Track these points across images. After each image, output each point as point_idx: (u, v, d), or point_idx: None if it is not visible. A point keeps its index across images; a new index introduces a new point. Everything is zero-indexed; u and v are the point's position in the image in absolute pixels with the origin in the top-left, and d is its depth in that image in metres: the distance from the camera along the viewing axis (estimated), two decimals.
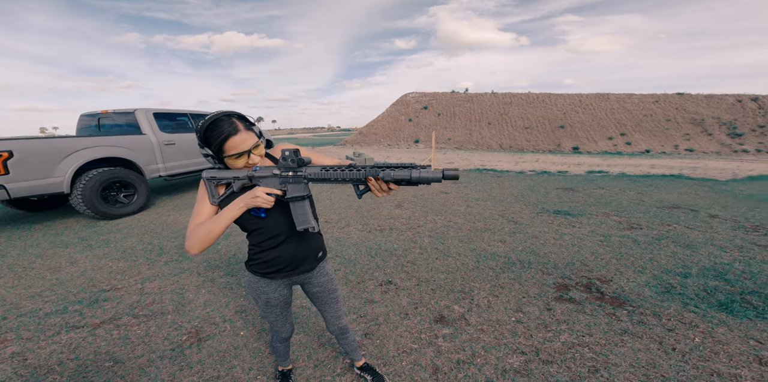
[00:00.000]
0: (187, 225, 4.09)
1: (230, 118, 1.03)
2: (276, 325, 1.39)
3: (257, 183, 1.08)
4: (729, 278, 2.63)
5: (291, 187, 1.06)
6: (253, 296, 1.31)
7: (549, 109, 21.68)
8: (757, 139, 18.00)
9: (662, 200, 5.32)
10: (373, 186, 0.97)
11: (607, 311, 2.19)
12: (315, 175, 1.02)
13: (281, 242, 1.18)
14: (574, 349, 1.82)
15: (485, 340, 1.93)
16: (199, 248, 1.05)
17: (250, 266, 1.26)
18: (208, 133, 1.02)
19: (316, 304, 1.41)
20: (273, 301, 1.30)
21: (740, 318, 2.07)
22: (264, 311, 1.34)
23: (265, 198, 1.02)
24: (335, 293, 1.39)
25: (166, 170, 5.25)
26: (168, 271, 2.94)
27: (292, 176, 1.04)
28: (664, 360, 1.71)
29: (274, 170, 1.07)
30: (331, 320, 1.44)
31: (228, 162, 1.08)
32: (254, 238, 1.18)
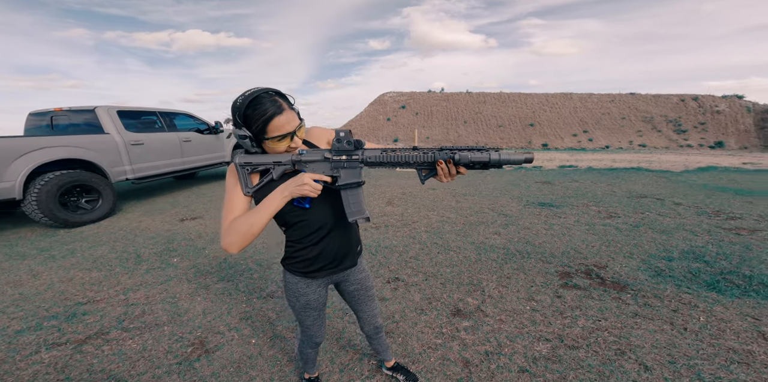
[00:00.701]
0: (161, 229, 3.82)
1: (272, 95, 0.91)
2: (311, 329, 1.28)
3: (302, 169, 0.96)
4: (707, 260, 2.84)
5: (345, 173, 0.95)
6: (290, 299, 1.20)
7: (519, 108, 22.82)
8: (699, 135, 20.16)
9: (630, 190, 5.71)
10: (442, 170, 0.91)
11: (612, 295, 2.28)
12: (375, 159, 0.93)
13: (324, 236, 1.07)
14: (595, 333, 1.88)
15: (507, 330, 1.94)
16: (240, 246, 0.93)
17: (289, 265, 1.15)
18: (249, 111, 0.88)
19: (352, 303, 1.32)
20: (312, 303, 1.19)
21: (729, 297, 2.23)
22: (301, 315, 1.23)
23: (313, 186, 0.91)
24: (372, 290, 1.32)
25: (134, 173, 4.82)
26: (152, 279, 2.69)
27: (347, 160, 0.94)
28: (680, 340, 1.80)
29: (325, 154, 0.95)
30: (368, 319, 1.36)
31: (268, 145, 0.95)
32: (295, 232, 1.07)
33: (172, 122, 5.69)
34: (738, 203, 4.87)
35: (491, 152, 0.85)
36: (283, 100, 0.93)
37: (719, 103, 21.69)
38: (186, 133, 5.78)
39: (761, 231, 3.58)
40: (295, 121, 0.94)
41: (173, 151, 5.45)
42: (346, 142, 0.93)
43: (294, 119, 0.94)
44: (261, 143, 0.96)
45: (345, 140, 0.93)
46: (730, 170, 8.78)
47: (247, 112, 0.89)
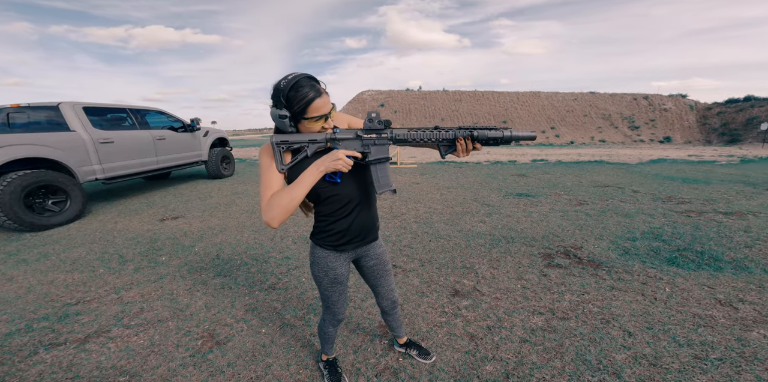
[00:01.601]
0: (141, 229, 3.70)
1: (311, 80, 0.99)
2: (336, 305, 1.35)
3: (335, 146, 1.05)
4: (665, 239, 3.19)
5: (375, 150, 1.05)
6: (318, 274, 1.26)
7: (493, 105, 23.82)
8: (649, 130, 22.21)
9: (595, 180, 6.19)
10: (461, 146, 1.03)
11: (590, 272, 2.52)
12: (402, 136, 1.03)
13: (353, 210, 1.15)
14: (581, 306, 2.09)
15: (504, 306, 2.10)
16: (281, 219, 1.00)
17: (320, 240, 1.21)
18: (292, 93, 0.96)
19: (371, 278, 1.39)
20: (340, 277, 1.26)
21: (687, 270, 2.54)
22: (328, 291, 1.29)
23: (346, 161, 1.00)
24: (389, 265, 1.40)
25: (104, 172, 4.56)
26: (143, 278, 2.62)
27: (377, 138, 1.04)
28: (653, 308, 2.04)
29: (357, 132, 1.05)
30: (386, 293, 1.44)
31: (305, 125, 1.03)
32: (326, 207, 1.14)
33: (143, 120, 5.42)
34: (686, 189, 5.44)
35: (503, 130, 1.00)
36: (319, 84, 1.02)
37: (666, 101, 23.97)
38: (159, 131, 5.54)
39: (707, 213, 4.04)
40: (330, 105, 1.03)
41: (146, 150, 5.20)
42: (377, 121, 1.03)
43: (329, 102, 1.02)
44: (298, 123, 1.03)
45: (376, 120, 1.03)
46: (677, 162, 9.73)
47: (290, 94, 0.97)
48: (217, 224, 3.90)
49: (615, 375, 1.50)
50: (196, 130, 6.31)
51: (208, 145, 6.69)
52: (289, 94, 0.97)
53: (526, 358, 1.64)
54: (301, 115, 1.00)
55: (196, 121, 6.23)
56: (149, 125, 5.46)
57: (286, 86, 0.97)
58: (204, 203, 4.91)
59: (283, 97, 0.98)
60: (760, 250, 2.88)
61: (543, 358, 1.63)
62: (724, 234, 3.29)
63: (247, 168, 9.11)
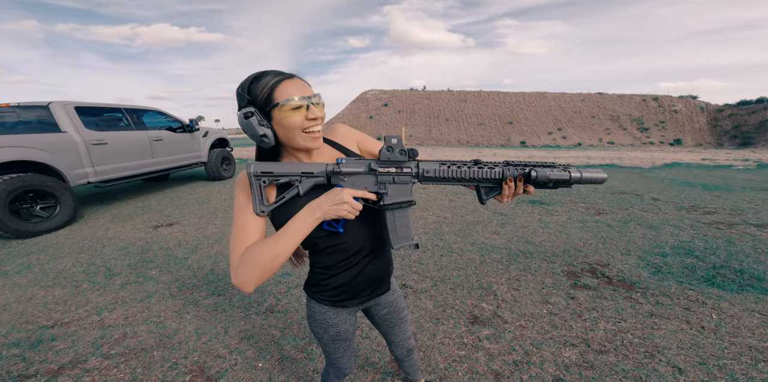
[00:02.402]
0: (133, 237, 3.45)
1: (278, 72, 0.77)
2: (341, 361, 1.09)
3: (338, 183, 0.77)
4: (698, 255, 2.93)
5: (393, 189, 0.77)
6: (316, 330, 1.00)
7: (498, 106, 23.44)
8: (659, 132, 21.70)
9: (610, 187, 5.92)
10: (509, 189, 0.76)
11: (623, 294, 2.27)
12: (433, 173, 0.74)
13: (359, 261, 0.89)
14: (619, 335, 1.84)
15: (530, 336, 1.86)
16: (258, 282, 0.73)
17: (315, 294, 0.95)
18: (253, 84, 0.73)
19: (383, 327, 1.14)
20: (342, 334, 1.01)
21: (730, 292, 2.29)
22: (329, 347, 1.04)
23: (354, 205, 0.73)
24: (405, 311, 1.14)
25: (96, 175, 4.35)
26: (128, 296, 2.39)
27: (398, 173, 0.75)
28: (702, 339, 1.80)
29: (372, 164, 0.76)
30: (400, 342, 1.19)
31: (281, 123, 0.74)
32: (325, 258, 0.88)
33: (140, 120, 5.21)
34: (708, 197, 5.16)
35: (571, 170, 0.74)
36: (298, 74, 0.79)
37: (676, 103, 23.47)
38: (157, 132, 5.33)
39: (738, 225, 3.77)
40: (310, 91, 0.77)
41: (142, 152, 4.99)
42: (399, 150, 0.73)
43: (308, 88, 0.77)
44: (272, 121, 0.75)
45: (398, 149, 0.74)
46: (692, 166, 9.43)
47: (251, 86, 0.74)
48: (213, 232, 3.67)
49: None
50: (195, 131, 6.10)
51: (207, 146, 6.49)
52: (251, 86, 0.74)
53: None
54: (268, 106, 0.73)
55: (195, 121, 6.02)
56: (146, 126, 5.25)
57: (246, 79, 0.75)
58: (201, 208, 4.68)
59: (243, 91, 0.75)
60: None
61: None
62: (761, 250, 3.02)
63: None
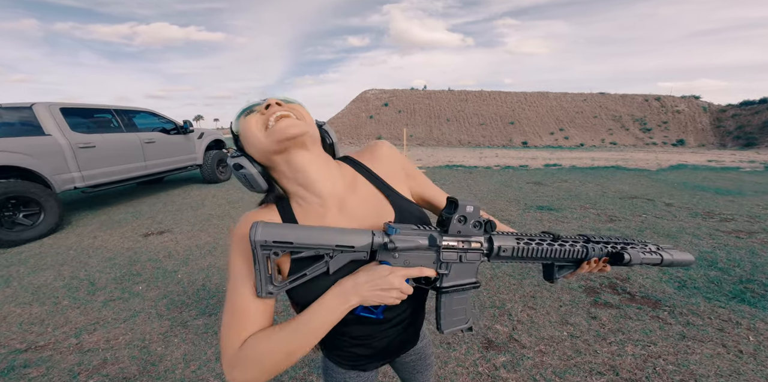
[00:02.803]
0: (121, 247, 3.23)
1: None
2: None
3: (384, 259, 0.55)
4: (722, 267, 2.75)
5: (456, 268, 0.58)
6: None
7: (499, 106, 23.22)
8: (662, 133, 21.47)
9: (619, 190, 5.74)
10: (589, 269, 0.64)
11: (649, 314, 2.09)
12: (510, 252, 0.58)
13: (392, 330, 0.70)
14: (650, 361, 1.66)
15: (552, 363, 1.67)
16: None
17: (335, 357, 0.75)
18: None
19: (404, 373, 0.94)
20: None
21: (763, 310, 2.10)
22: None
23: (404, 290, 0.54)
24: (430, 359, 0.93)
25: (84, 180, 4.15)
26: (111, 315, 2.20)
27: (466, 250, 0.57)
28: (742, 365, 1.63)
29: (433, 233, 0.55)
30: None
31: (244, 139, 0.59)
32: (350, 328, 0.67)
33: (131, 121, 5.00)
34: (722, 202, 4.98)
35: (661, 252, 0.64)
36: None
37: (679, 103, 23.31)
38: (148, 134, 5.12)
39: (757, 233, 3.59)
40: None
41: (133, 155, 4.79)
42: (473, 222, 0.55)
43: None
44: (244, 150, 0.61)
45: (472, 220, 0.55)
46: (699, 168, 9.25)
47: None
48: (206, 241, 3.48)
49: None
50: (189, 132, 5.90)
51: (203, 148, 6.28)
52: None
53: None
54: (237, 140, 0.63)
55: (189, 122, 5.83)
56: (137, 127, 5.04)
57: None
58: (195, 214, 4.49)
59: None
60: None
61: None
62: None
63: None
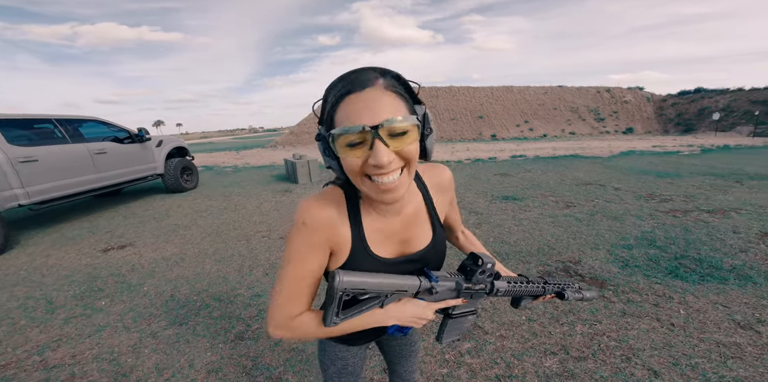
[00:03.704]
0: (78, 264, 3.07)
1: (375, 71, 0.53)
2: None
3: (422, 297, 0.70)
4: (660, 246, 3.06)
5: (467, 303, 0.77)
6: (323, 360, 0.92)
7: (469, 101, 23.75)
8: (613, 122, 23.19)
9: (576, 178, 6.15)
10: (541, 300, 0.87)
11: None
12: (503, 292, 0.77)
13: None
14: (596, 339, 1.84)
15: (511, 347, 1.83)
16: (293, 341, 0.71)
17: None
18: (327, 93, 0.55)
19: (390, 356, 1.08)
20: (350, 367, 0.92)
21: (692, 283, 2.38)
22: (333, 380, 0.94)
23: (430, 319, 0.70)
24: (417, 344, 1.08)
25: (28, 197, 3.86)
26: (74, 331, 2.14)
27: (476, 291, 0.74)
28: (673, 338, 1.83)
29: (458, 279, 0.70)
30: (404, 374, 1.11)
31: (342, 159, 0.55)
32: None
33: (76, 131, 4.66)
34: (663, 184, 5.47)
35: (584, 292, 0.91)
36: (388, 79, 0.53)
37: (626, 94, 25.29)
38: (99, 144, 4.81)
39: (691, 212, 4.00)
40: (392, 113, 0.50)
41: (83, 167, 4.49)
42: (488, 274, 0.72)
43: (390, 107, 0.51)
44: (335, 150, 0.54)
45: (488, 273, 0.72)
46: (645, 154, 10.03)
47: (325, 93, 0.55)
48: (173, 252, 3.39)
49: None
50: (145, 140, 5.63)
51: (163, 156, 6.00)
52: (325, 94, 0.55)
53: None
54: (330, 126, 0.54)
55: (144, 130, 5.55)
56: (84, 137, 4.71)
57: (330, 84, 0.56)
58: (159, 225, 4.33)
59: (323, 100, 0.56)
60: (755, 254, 2.80)
61: None
62: (715, 237, 3.20)
63: (213, 178, 8.40)
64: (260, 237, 3.71)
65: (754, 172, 6.38)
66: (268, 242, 3.54)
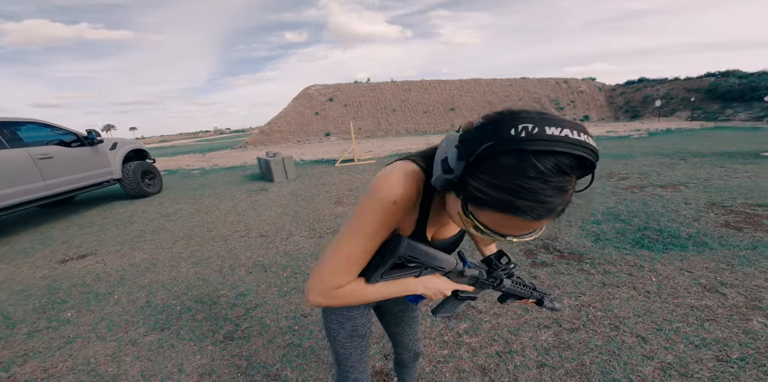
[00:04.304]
0: (33, 277, 2.78)
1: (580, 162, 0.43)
2: (357, 368, 0.97)
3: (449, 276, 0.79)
4: (624, 219, 3.28)
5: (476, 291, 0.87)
6: (332, 326, 0.90)
7: (440, 94, 24.32)
8: (572, 111, 24.91)
9: None
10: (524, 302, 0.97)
11: (576, 267, 2.43)
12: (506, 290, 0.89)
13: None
14: (584, 310, 1.94)
15: (506, 324, 1.88)
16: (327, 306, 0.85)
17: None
18: (513, 164, 0.42)
19: (393, 326, 1.10)
20: (360, 329, 0.91)
21: (658, 252, 2.57)
22: (346, 348, 0.92)
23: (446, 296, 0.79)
24: (417, 311, 1.11)
25: None
26: (42, 345, 1.96)
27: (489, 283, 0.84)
28: (651, 304, 1.95)
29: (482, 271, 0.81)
30: (409, 343, 1.13)
31: (465, 213, 0.50)
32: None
33: (14, 135, 4.16)
34: (620, 165, 5.88)
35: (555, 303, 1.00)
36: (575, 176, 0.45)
37: (581, 84, 27.30)
38: (42, 148, 4.34)
39: (647, 187, 4.33)
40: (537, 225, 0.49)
41: (26, 174, 4.04)
42: (507, 273, 0.86)
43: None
44: (465, 183, 0.47)
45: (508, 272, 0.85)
46: (601, 138, 10.75)
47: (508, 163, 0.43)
48: (142, 259, 3.16)
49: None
50: (97, 143, 5.18)
51: (119, 159, 5.55)
52: (507, 163, 0.42)
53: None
54: (477, 208, 0.48)
55: (94, 132, 5.10)
56: (24, 141, 4.23)
57: (536, 129, 0.41)
58: (123, 232, 4.02)
59: (502, 131, 0.42)
60: (706, 222, 3.08)
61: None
62: (670, 208, 3.49)
63: (179, 181, 7.90)
64: (239, 237, 3.56)
65: (695, 151, 7.02)
66: (248, 241, 3.40)
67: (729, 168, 5.22)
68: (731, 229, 2.89)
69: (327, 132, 21.11)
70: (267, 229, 3.77)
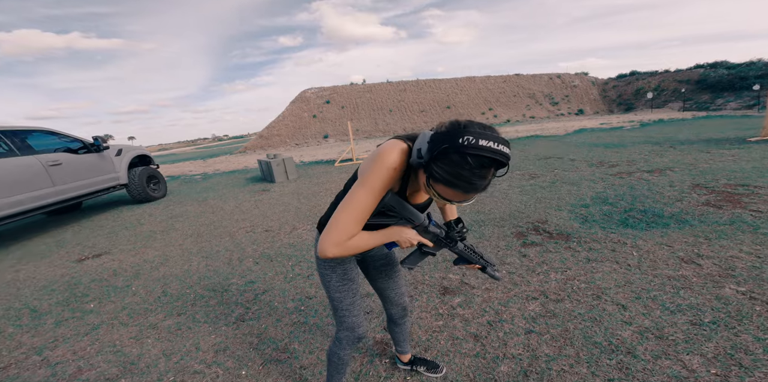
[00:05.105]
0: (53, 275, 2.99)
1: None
2: (352, 312, 1.11)
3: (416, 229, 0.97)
4: (611, 202, 3.44)
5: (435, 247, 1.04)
6: (324, 271, 1.08)
7: (435, 93, 24.62)
8: (566, 105, 25.41)
9: (538, 153, 6.66)
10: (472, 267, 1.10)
11: (563, 246, 2.59)
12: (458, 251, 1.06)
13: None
14: (569, 283, 2.09)
15: (497, 297, 2.04)
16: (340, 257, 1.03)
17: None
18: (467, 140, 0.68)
19: (378, 281, 1.27)
20: (350, 272, 1.09)
21: (641, 230, 2.72)
22: (339, 292, 1.08)
23: (413, 245, 0.95)
24: (398, 266, 1.28)
25: None
26: (69, 332, 2.12)
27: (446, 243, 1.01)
28: (631, 276, 2.10)
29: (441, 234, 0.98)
30: (395, 298, 1.29)
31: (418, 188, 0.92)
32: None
33: (24, 143, 4.31)
34: (610, 153, 6.03)
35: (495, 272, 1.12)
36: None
37: (574, 79, 27.81)
38: (52, 155, 4.50)
39: (635, 173, 4.48)
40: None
41: (37, 180, 4.19)
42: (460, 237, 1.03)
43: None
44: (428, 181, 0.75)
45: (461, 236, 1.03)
46: (595, 130, 10.92)
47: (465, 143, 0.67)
48: (155, 255, 3.33)
49: (630, 355, 1.48)
50: (103, 150, 5.34)
51: (125, 165, 5.71)
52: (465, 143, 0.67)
53: (537, 350, 1.58)
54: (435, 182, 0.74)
55: (100, 138, 5.26)
56: (34, 149, 4.38)
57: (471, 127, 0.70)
58: (134, 233, 4.19)
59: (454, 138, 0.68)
60: (689, 202, 3.23)
61: (554, 348, 1.58)
62: (655, 191, 3.64)
63: (182, 186, 8.05)
64: (245, 233, 3.73)
65: (684, 139, 7.17)
66: (253, 236, 3.57)
67: (715, 153, 5.37)
68: (712, 207, 3.04)
69: (325, 134, 21.30)
70: (271, 224, 3.93)
